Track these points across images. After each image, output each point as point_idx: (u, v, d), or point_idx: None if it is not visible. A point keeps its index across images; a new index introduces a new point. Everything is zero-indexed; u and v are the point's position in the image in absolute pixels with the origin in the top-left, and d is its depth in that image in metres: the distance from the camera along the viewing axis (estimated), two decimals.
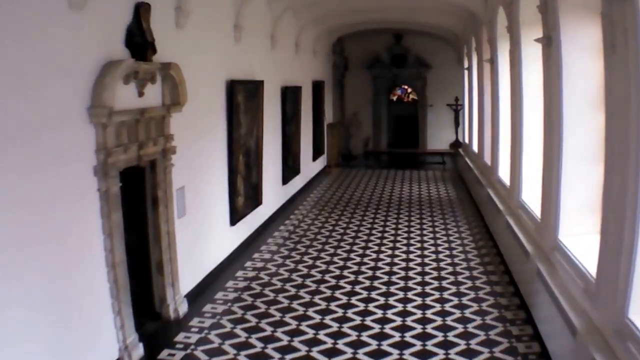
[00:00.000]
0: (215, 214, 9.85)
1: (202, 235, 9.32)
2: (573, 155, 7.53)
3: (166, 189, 7.99)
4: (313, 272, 10.06)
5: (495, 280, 9.58)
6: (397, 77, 26.48)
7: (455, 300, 8.78)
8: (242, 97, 10.63)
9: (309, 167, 18.17)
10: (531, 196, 9.84)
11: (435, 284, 9.46)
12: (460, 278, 9.71)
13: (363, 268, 10.25)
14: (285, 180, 14.56)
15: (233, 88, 10.10)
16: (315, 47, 18.59)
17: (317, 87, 19.06)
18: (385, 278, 9.78)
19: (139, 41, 7.14)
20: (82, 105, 6.08)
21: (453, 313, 8.34)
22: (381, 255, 10.94)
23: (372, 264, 10.47)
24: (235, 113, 10.32)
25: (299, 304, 8.67)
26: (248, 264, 10.52)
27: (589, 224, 7.52)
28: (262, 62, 12.42)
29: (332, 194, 17.09)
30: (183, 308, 8.37)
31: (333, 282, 9.58)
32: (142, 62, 7.08)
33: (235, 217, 10.60)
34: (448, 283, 9.48)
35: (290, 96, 14.68)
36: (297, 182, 16.18)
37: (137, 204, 7.85)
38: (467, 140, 20.64)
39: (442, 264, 10.44)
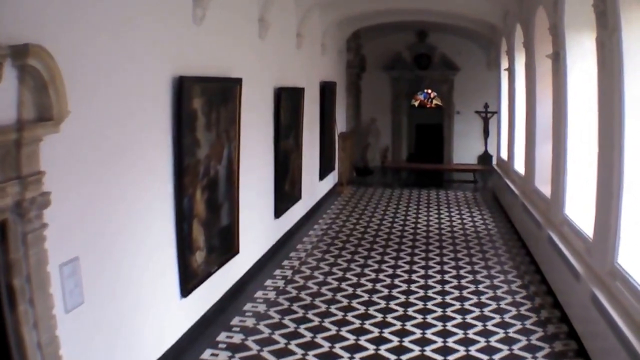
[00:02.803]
0: (150, 286, 6.21)
1: (122, 326, 5.68)
2: None
3: (31, 271, 4.37)
4: None
5: None
6: (421, 80, 23.12)
7: None
8: (203, 103, 7.01)
9: (314, 189, 14.57)
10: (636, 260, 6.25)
11: None
12: None
13: (383, 350, 6.61)
14: (279, 212, 10.92)
15: (184, 88, 6.47)
16: (324, 41, 14.95)
17: (327, 90, 15.43)
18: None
19: None
20: None
21: None
22: (408, 339, 7.28)
23: (396, 342, 6.82)
24: (189, 127, 6.71)
25: None
26: (206, 354, 6.88)
27: None
28: (242, 53, 8.82)
29: (341, 224, 13.42)
30: None
31: None
32: None
33: (189, 283, 6.96)
34: None
35: (287, 100, 11.04)
36: (297, 212, 12.53)
37: None
38: (504, 156, 16.90)
39: (495, 357, 6.77)
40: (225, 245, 8.07)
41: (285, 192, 11.30)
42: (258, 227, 9.83)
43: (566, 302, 8.15)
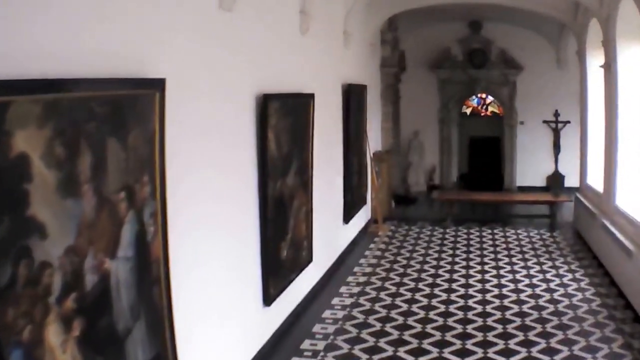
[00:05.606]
0: None
1: None
2: None
3: None
4: None
5: None
6: (475, 82, 19.82)
7: None
8: (50, 138, 3.34)
9: (336, 240, 10.92)
10: None
11: None
12: None
13: None
14: (271, 295, 7.14)
15: None
16: (348, 29, 11.24)
17: (353, 96, 11.84)
18: None
19: None
20: None
21: None
22: None
23: None
24: (9, 198, 3.05)
25: None
26: None
27: None
28: (175, 31, 5.00)
29: (374, 296, 9.54)
30: None
31: None
32: None
33: None
34: None
35: (282, 114, 7.33)
36: (304, 283, 8.76)
37: None
38: (595, 184, 13.07)
39: None
40: None
41: (283, 261, 7.56)
42: (227, 336, 6.12)
43: None
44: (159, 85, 4.30)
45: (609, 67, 11.38)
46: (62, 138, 3.40)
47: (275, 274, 7.26)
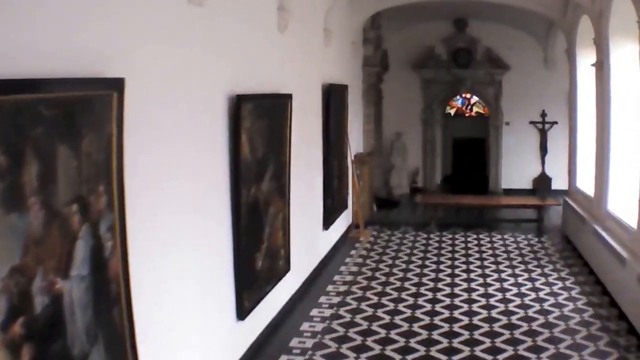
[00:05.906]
0: None
1: None
2: None
3: None
4: None
5: None
6: (460, 82, 19.52)
7: None
8: None
9: (315, 247, 10.68)
10: None
11: None
12: None
13: None
14: (245, 309, 6.85)
15: None
16: (329, 27, 10.99)
17: (334, 96, 11.57)
18: None
19: None
20: None
21: None
22: None
23: None
24: None
25: None
26: None
27: None
28: (136, 24, 4.70)
29: (354, 306, 9.30)
30: None
31: None
32: None
33: None
34: None
35: (257, 116, 7.05)
36: (282, 294, 8.51)
37: None
38: (585, 187, 12.91)
39: None
40: None
41: (259, 271, 7.27)
42: (198, 355, 5.83)
43: None
44: (117, 85, 3.98)
45: (602, 66, 11.17)
46: (4, 145, 3.10)
47: (250, 286, 6.97)
